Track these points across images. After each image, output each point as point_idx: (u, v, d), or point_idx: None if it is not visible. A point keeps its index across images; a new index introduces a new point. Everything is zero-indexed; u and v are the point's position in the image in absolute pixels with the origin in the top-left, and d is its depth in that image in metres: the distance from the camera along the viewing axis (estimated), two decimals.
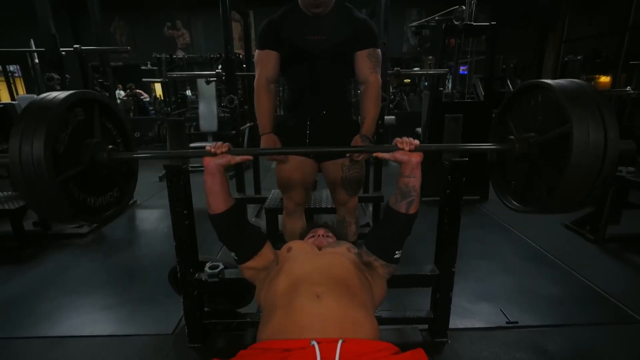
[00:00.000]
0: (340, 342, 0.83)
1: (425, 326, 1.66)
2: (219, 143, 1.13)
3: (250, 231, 1.20)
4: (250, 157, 1.20)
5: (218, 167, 1.11)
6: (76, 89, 1.12)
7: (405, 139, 1.11)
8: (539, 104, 1.11)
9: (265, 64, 1.56)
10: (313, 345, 0.82)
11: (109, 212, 1.20)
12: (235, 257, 1.19)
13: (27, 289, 2.10)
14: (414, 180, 1.10)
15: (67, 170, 1.01)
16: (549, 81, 1.03)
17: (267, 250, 1.19)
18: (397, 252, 1.16)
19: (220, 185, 1.12)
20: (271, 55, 1.55)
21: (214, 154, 1.11)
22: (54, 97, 1.00)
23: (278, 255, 1.21)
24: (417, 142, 1.10)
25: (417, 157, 1.09)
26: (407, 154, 1.09)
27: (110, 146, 1.15)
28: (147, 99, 8.67)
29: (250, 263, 1.17)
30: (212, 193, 1.12)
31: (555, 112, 1.01)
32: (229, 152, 1.12)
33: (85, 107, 1.11)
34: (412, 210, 1.11)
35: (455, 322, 1.69)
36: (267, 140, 1.58)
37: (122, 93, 8.26)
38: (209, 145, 1.13)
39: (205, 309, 1.62)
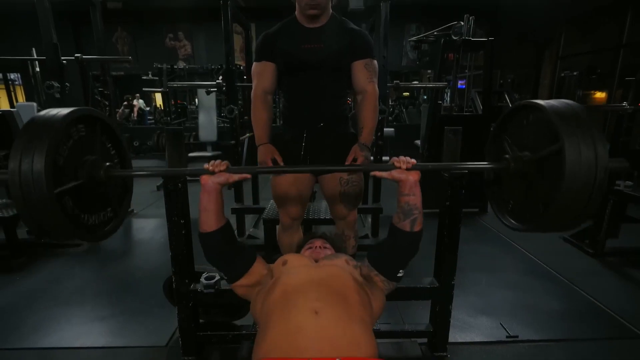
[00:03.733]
0: None
1: (425, 340, 1.63)
2: (217, 161, 1.11)
3: (239, 250, 1.17)
4: (249, 176, 1.19)
5: (215, 186, 1.10)
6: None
7: (402, 158, 1.10)
8: (532, 123, 1.12)
9: (262, 75, 1.57)
10: None
11: (102, 230, 1.16)
12: (225, 277, 1.17)
13: (18, 299, 2.06)
14: (414, 198, 1.08)
15: (65, 184, 0.99)
16: (540, 101, 1.05)
17: (258, 267, 1.16)
18: (400, 271, 1.15)
19: (215, 204, 1.10)
20: (268, 67, 1.56)
21: (212, 172, 1.10)
22: (56, 113, 1.00)
23: (272, 269, 1.17)
24: (414, 160, 1.10)
25: (414, 176, 1.09)
26: (404, 172, 1.08)
27: (108, 163, 1.13)
28: (147, 108, 8.74)
29: (242, 281, 1.15)
30: (206, 211, 1.10)
31: (547, 131, 1.03)
32: (227, 170, 1.11)
33: (86, 123, 1.10)
34: (416, 228, 1.09)
35: (454, 336, 1.66)
36: (264, 150, 1.57)
37: (142, 101, 8.35)
38: (206, 164, 1.12)
39: (201, 321, 1.59)
